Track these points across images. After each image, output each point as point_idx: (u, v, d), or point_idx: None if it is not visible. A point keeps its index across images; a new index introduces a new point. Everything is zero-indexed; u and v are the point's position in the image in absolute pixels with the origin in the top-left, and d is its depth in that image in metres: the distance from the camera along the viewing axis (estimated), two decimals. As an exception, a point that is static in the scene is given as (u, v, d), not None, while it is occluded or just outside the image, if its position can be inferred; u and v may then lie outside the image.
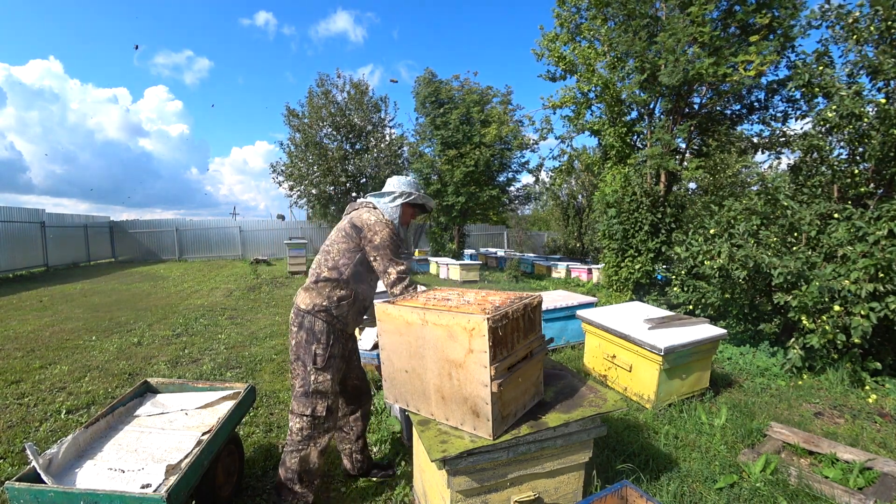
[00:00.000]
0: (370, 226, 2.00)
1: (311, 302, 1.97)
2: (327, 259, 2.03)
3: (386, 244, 1.98)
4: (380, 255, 1.98)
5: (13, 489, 1.51)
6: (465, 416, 1.56)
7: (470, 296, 1.85)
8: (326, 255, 2.04)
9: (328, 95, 14.73)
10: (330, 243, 2.07)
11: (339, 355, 2.02)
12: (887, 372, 3.76)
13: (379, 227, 2.00)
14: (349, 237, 2.03)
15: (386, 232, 2.00)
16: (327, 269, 2.01)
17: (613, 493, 1.49)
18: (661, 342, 3.05)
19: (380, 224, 2.01)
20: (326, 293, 1.97)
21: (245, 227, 17.60)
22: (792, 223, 4.09)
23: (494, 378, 1.45)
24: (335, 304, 1.97)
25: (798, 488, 2.21)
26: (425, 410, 1.70)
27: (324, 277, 1.99)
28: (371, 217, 2.04)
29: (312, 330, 1.94)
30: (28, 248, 12.18)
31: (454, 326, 1.50)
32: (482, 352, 1.45)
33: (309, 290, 2.00)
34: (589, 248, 18.37)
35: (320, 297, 1.96)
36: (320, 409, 1.94)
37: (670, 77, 5.43)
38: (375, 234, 1.98)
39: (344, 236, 2.04)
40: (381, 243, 1.98)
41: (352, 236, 2.02)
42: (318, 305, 1.95)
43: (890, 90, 4.08)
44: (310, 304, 1.96)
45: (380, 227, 2.00)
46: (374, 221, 2.01)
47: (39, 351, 4.68)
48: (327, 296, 1.97)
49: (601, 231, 7.34)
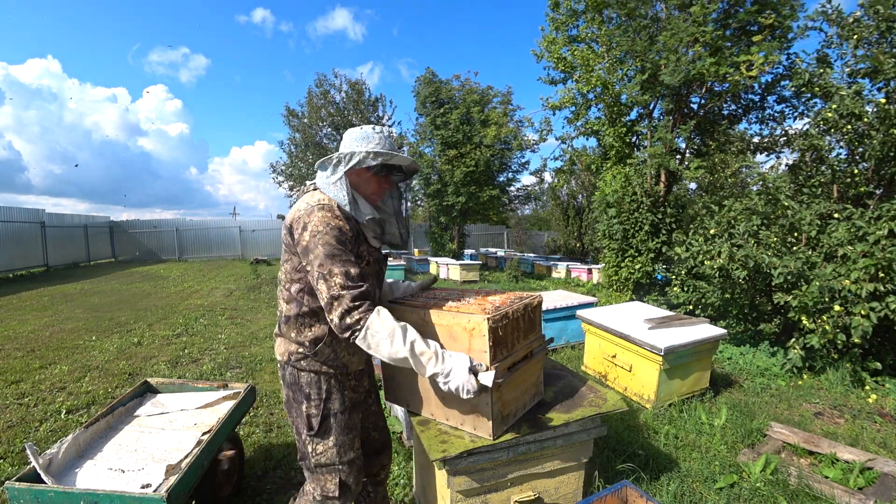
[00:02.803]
0: (297, 219, 1.34)
1: (284, 350, 1.47)
2: (281, 290, 1.48)
3: (319, 244, 1.28)
4: (312, 264, 1.29)
5: (13, 489, 1.51)
6: (465, 416, 1.56)
7: (470, 296, 1.85)
8: (279, 283, 1.51)
9: (327, 96, 14.74)
10: (280, 263, 1.51)
11: (344, 409, 1.48)
12: (887, 372, 3.75)
13: (309, 219, 1.31)
14: (288, 248, 1.41)
15: (319, 223, 1.29)
16: (284, 304, 1.47)
17: (613, 493, 1.49)
18: (661, 342, 3.05)
19: (314, 211, 1.32)
20: (294, 336, 1.44)
21: (245, 227, 17.61)
22: (792, 223, 4.09)
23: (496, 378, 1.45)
24: (310, 348, 1.42)
25: (798, 488, 2.21)
26: (425, 410, 1.69)
27: (284, 317, 1.47)
28: (300, 206, 1.37)
29: (298, 385, 1.44)
30: (28, 248, 12.18)
31: (454, 326, 1.49)
32: (482, 352, 1.44)
33: (279, 337, 1.51)
34: (589, 248, 18.37)
35: (292, 343, 1.45)
36: (330, 486, 1.46)
37: (672, 77, 5.43)
38: (304, 230, 1.31)
39: (284, 248, 1.43)
40: (310, 244, 1.29)
41: (289, 245, 1.39)
42: (293, 354, 1.44)
43: (890, 90, 4.08)
44: (284, 353, 1.47)
45: (310, 219, 1.31)
46: (301, 212, 1.34)
47: (39, 351, 4.69)
48: (297, 340, 1.44)
49: (601, 231, 7.34)
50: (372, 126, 1.46)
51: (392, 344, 1.27)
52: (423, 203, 16.65)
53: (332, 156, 1.40)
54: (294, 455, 2.63)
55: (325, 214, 1.32)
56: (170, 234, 16.89)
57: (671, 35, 5.49)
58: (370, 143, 1.42)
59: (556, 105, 7.90)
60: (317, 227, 1.30)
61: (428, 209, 16.62)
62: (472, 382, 1.30)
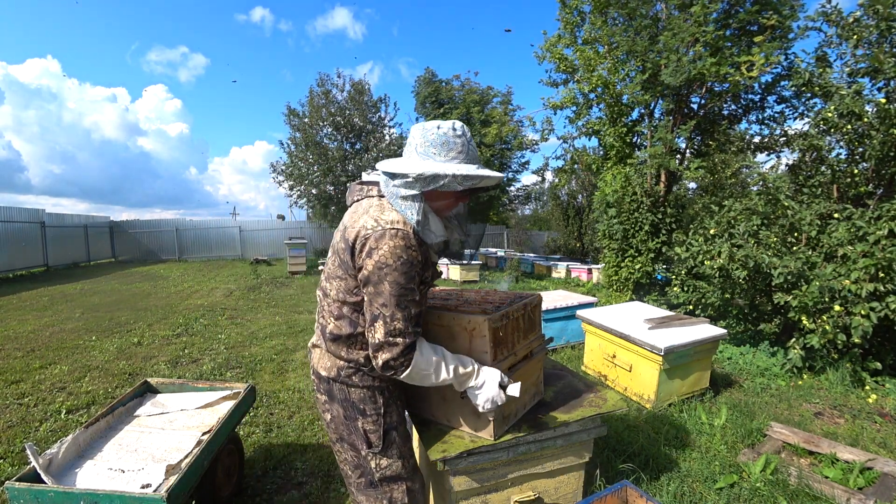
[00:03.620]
0: (362, 238, 1.19)
1: (332, 365, 1.35)
2: (329, 304, 1.33)
3: (385, 280, 1.15)
4: (373, 299, 1.18)
5: (13, 489, 1.51)
6: (465, 416, 1.55)
7: (469, 295, 1.85)
8: (325, 296, 1.35)
9: (328, 95, 14.74)
10: (328, 274, 1.36)
11: (401, 420, 1.43)
12: (887, 372, 3.75)
13: (377, 245, 1.16)
14: (345, 267, 1.27)
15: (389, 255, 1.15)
16: (333, 321, 1.32)
17: (613, 493, 1.49)
18: (661, 342, 3.05)
19: (385, 237, 1.16)
20: (345, 354, 1.32)
21: (245, 227, 17.60)
22: (792, 223, 4.09)
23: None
24: (366, 365, 1.32)
25: (798, 488, 2.21)
26: (425, 412, 1.68)
27: (332, 335, 1.32)
28: (367, 222, 1.20)
29: (350, 401, 1.34)
30: (28, 248, 12.18)
31: (454, 326, 1.49)
32: (483, 352, 1.44)
33: (322, 350, 1.39)
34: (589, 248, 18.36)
35: (340, 360, 1.34)
36: (398, 495, 1.39)
37: (673, 77, 5.43)
38: (369, 256, 1.17)
39: (339, 264, 1.29)
40: (374, 276, 1.16)
41: (346, 264, 1.25)
42: (342, 369, 1.33)
43: (890, 90, 4.08)
44: (332, 369, 1.34)
45: (383, 244, 1.15)
46: (369, 232, 1.17)
47: (39, 351, 4.68)
48: (349, 357, 1.32)
49: (601, 231, 7.34)
50: (452, 126, 1.21)
51: (437, 376, 1.29)
52: (423, 203, 16.58)
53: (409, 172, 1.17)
54: (294, 455, 2.63)
55: (397, 244, 1.15)
56: (170, 234, 16.88)
57: (672, 35, 5.49)
58: (451, 151, 1.19)
59: (558, 105, 7.90)
60: (385, 259, 1.14)
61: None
62: (502, 396, 1.35)
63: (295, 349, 4.79)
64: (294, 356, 4.55)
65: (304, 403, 3.35)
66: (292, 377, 3.93)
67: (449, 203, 1.30)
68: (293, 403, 3.36)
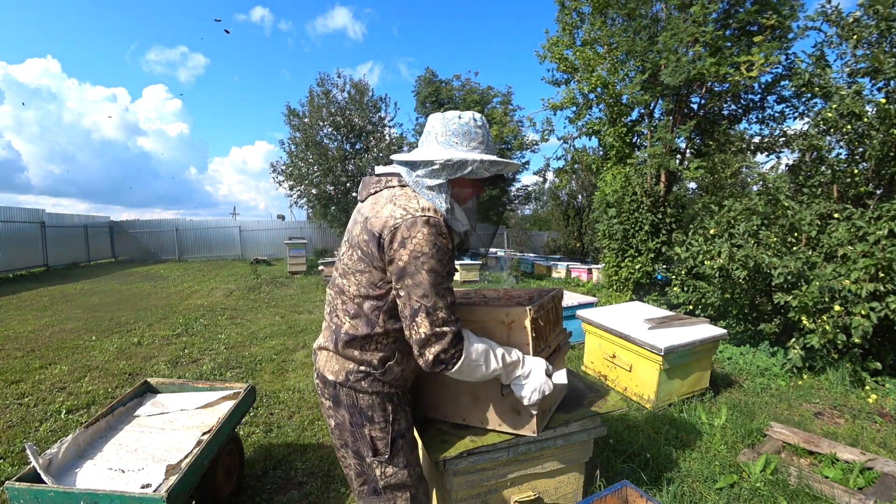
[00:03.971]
0: (392, 228, 1.13)
1: (340, 369, 1.27)
2: (344, 301, 1.26)
3: (423, 269, 1.11)
4: (411, 291, 1.13)
5: (13, 489, 1.51)
6: (503, 415, 1.51)
7: (490, 293, 1.79)
8: (340, 293, 1.27)
9: (328, 95, 14.73)
10: (343, 271, 1.27)
11: (409, 427, 1.37)
12: (887, 372, 3.75)
13: (410, 233, 1.11)
14: (369, 259, 1.19)
15: (425, 243, 1.11)
16: (349, 320, 1.24)
17: (613, 493, 1.49)
18: (661, 342, 3.05)
19: (417, 224, 1.12)
20: (358, 356, 1.25)
21: (245, 227, 17.60)
22: (792, 223, 4.09)
23: None
24: (378, 368, 1.26)
25: (798, 488, 2.21)
26: (455, 416, 1.59)
27: (347, 335, 1.24)
28: (395, 212, 1.15)
29: (357, 407, 1.27)
30: (28, 248, 12.18)
31: (489, 322, 1.43)
32: (524, 344, 1.40)
33: (330, 353, 1.30)
34: (589, 248, 18.35)
35: (352, 363, 1.26)
36: (402, 503, 1.36)
37: (672, 77, 5.43)
38: (402, 247, 1.12)
39: (360, 257, 1.21)
40: (410, 267, 1.11)
41: (372, 256, 1.18)
42: (351, 373, 1.26)
43: (890, 90, 4.08)
44: (340, 373, 1.27)
45: (416, 231, 1.11)
46: (399, 221, 1.13)
47: (39, 351, 4.69)
48: (362, 360, 1.25)
49: (601, 231, 7.34)
50: (472, 116, 1.22)
51: (487, 367, 1.24)
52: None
53: (436, 158, 1.16)
54: (294, 455, 2.63)
55: (431, 231, 1.11)
56: (170, 234, 16.88)
57: (671, 35, 5.49)
58: (472, 140, 1.21)
59: (558, 105, 7.91)
60: (421, 248, 1.10)
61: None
62: (549, 384, 1.31)
63: (295, 349, 4.79)
64: (294, 356, 4.55)
65: (304, 403, 3.35)
66: (292, 377, 3.93)
67: (467, 194, 1.30)
68: (293, 403, 3.36)
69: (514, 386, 1.32)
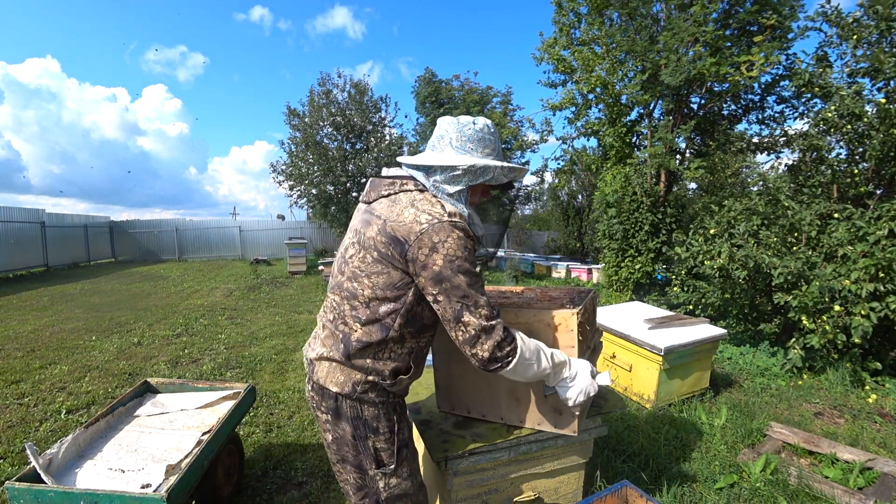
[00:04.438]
0: (420, 234, 1.10)
1: (346, 380, 1.19)
2: (354, 307, 1.18)
3: (459, 272, 1.09)
4: (450, 294, 1.10)
5: (13, 489, 1.51)
6: (544, 415, 1.52)
7: (528, 293, 1.78)
8: (350, 298, 1.19)
9: (329, 95, 14.73)
10: (353, 273, 1.19)
11: (411, 436, 1.33)
12: (887, 372, 3.76)
13: (439, 238, 1.09)
14: (388, 260, 1.14)
15: (457, 248, 1.09)
16: (359, 327, 1.18)
17: (613, 493, 1.49)
18: (661, 342, 3.05)
19: (445, 229, 1.09)
20: (370, 365, 1.18)
21: (245, 227, 17.59)
22: (792, 223, 4.09)
23: None
24: (388, 379, 1.20)
25: (798, 488, 2.21)
26: (493, 415, 1.61)
27: (360, 343, 1.17)
28: (420, 217, 1.12)
29: (362, 419, 1.21)
30: (28, 248, 12.18)
31: (536, 323, 1.44)
32: (570, 347, 1.40)
33: (335, 364, 1.21)
34: (589, 248, 18.35)
35: (359, 373, 1.19)
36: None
37: (673, 77, 5.43)
38: (437, 249, 1.09)
39: (376, 259, 1.15)
40: (445, 270, 1.09)
41: (391, 258, 1.14)
42: (358, 384, 1.19)
43: (890, 90, 4.08)
44: (345, 384, 1.19)
45: (447, 237, 1.09)
46: (426, 227, 1.10)
47: (39, 351, 4.68)
48: (373, 369, 1.19)
49: (601, 231, 7.34)
50: (486, 123, 1.23)
51: (540, 366, 1.22)
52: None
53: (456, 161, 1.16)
54: (294, 455, 2.63)
55: (460, 235, 1.11)
56: (170, 234, 16.88)
57: (671, 35, 5.49)
58: (486, 147, 1.22)
59: (557, 106, 7.91)
60: (455, 251, 1.09)
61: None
62: (595, 386, 1.31)
63: (295, 349, 4.79)
64: (294, 356, 4.55)
65: (304, 403, 3.35)
66: (292, 377, 3.93)
67: (477, 198, 1.32)
68: (293, 403, 3.36)
69: (560, 388, 1.31)
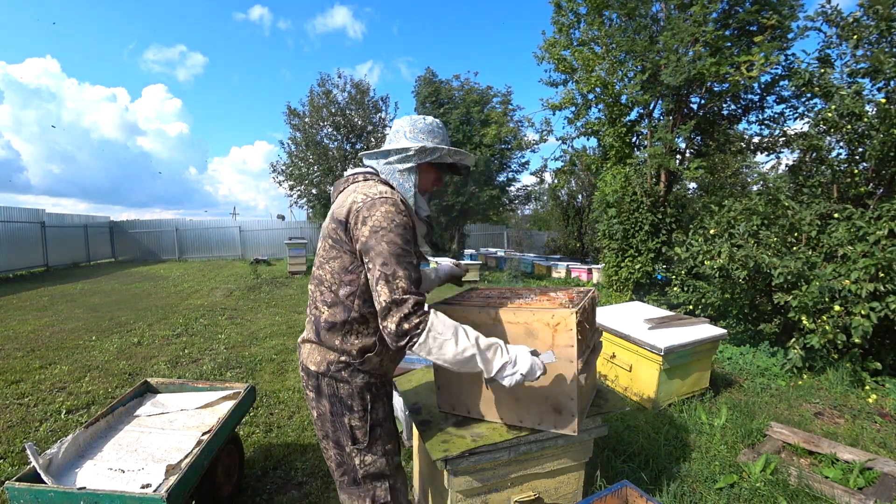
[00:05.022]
0: (355, 212, 1.23)
1: (321, 360, 1.33)
2: (322, 291, 1.32)
3: (383, 241, 1.17)
4: (374, 262, 1.18)
5: (13, 489, 1.51)
6: (543, 415, 1.52)
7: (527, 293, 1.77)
8: (319, 284, 1.34)
9: (329, 95, 14.74)
10: (320, 262, 1.35)
11: (386, 417, 1.41)
12: (887, 372, 3.76)
13: (370, 213, 1.20)
14: (339, 244, 1.28)
15: (383, 219, 1.19)
16: (326, 309, 1.31)
17: (613, 493, 1.49)
18: (661, 342, 3.05)
19: (376, 204, 1.21)
20: (338, 345, 1.31)
21: (245, 227, 17.58)
22: (792, 223, 4.09)
23: (581, 372, 1.44)
24: (357, 357, 1.31)
25: (798, 488, 2.21)
26: (492, 415, 1.61)
27: (326, 323, 1.31)
28: (356, 198, 1.25)
29: (338, 396, 1.33)
30: (28, 248, 12.17)
31: (535, 323, 1.44)
32: (568, 346, 1.40)
33: (313, 344, 1.36)
34: (589, 248, 18.36)
35: (332, 353, 1.32)
36: (381, 493, 1.38)
37: (673, 77, 5.43)
38: (366, 222, 1.20)
39: (332, 245, 1.30)
40: (371, 240, 1.18)
41: (341, 241, 1.27)
42: (332, 364, 1.31)
43: (890, 90, 4.08)
44: (322, 363, 1.32)
45: (375, 210, 1.20)
46: (360, 204, 1.22)
47: (39, 351, 4.68)
48: (341, 349, 1.31)
49: (601, 231, 7.34)
50: (434, 119, 1.42)
51: (458, 343, 1.19)
52: (423, 203, 16.62)
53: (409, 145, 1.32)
54: (294, 455, 2.63)
55: (389, 209, 1.21)
56: (170, 234, 16.87)
57: (671, 35, 5.49)
58: (436, 137, 1.38)
59: (557, 105, 7.91)
60: (380, 223, 1.19)
61: (428, 209, 16.56)
62: (541, 363, 1.26)
63: (295, 349, 4.78)
64: (294, 356, 4.55)
65: (304, 403, 3.35)
66: (292, 377, 3.93)
67: (428, 185, 1.44)
68: (293, 403, 3.36)
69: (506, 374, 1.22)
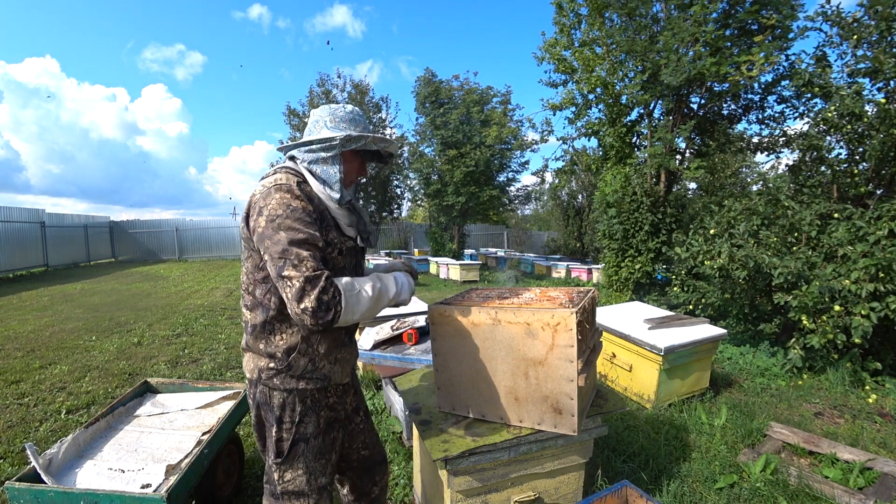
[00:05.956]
0: (252, 205, 1.19)
1: (254, 367, 1.28)
2: (243, 295, 1.31)
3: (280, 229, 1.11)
4: (272, 252, 1.11)
5: (13, 489, 1.51)
6: (543, 415, 1.53)
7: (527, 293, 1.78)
8: (243, 287, 1.31)
9: (329, 95, 14.74)
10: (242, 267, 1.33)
11: (318, 433, 1.30)
12: (887, 372, 3.76)
13: (265, 203, 1.16)
14: (247, 242, 1.25)
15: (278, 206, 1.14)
16: (249, 313, 1.28)
17: (613, 493, 1.49)
18: (661, 342, 3.05)
19: (271, 193, 1.17)
20: (263, 348, 1.26)
21: (245, 227, 17.57)
22: (792, 223, 4.09)
23: (581, 372, 1.44)
24: (283, 360, 1.24)
25: (798, 488, 2.21)
26: (493, 415, 1.62)
27: (251, 327, 1.27)
28: (257, 189, 1.22)
29: (269, 405, 1.27)
30: (28, 248, 12.18)
31: (535, 323, 1.45)
32: (569, 346, 1.41)
33: (246, 352, 1.32)
34: (589, 248, 18.36)
35: (263, 358, 1.26)
36: None
37: (673, 77, 5.43)
38: (262, 212, 1.15)
39: (244, 246, 1.27)
40: (267, 230, 1.13)
41: (248, 239, 1.23)
42: (263, 370, 1.25)
43: (890, 90, 4.08)
44: (254, 370, 1.28)
45: (270, 199, 1.16)
46: (257, 196, 1.19)
47: (39, 351, 4.68)
48: (267, 352, 1.25)
49: (601, 231, 7.34)
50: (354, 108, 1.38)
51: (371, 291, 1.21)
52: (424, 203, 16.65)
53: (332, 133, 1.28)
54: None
55: (283, 196, 1.15)
56: (170, 234, 16.88)
57: (672, 35, 5.49)
58: (358, 125, 1.34)
59: (557, 106, 7.91)
60: (275, 211, 1.13)
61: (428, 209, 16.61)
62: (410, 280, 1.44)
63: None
64: (294, 356, 4.54)
65: (304, 403, 3.35)
66: (292, 377, 3.93)
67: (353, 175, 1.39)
68: (293, 403, 3.35)
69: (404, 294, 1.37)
